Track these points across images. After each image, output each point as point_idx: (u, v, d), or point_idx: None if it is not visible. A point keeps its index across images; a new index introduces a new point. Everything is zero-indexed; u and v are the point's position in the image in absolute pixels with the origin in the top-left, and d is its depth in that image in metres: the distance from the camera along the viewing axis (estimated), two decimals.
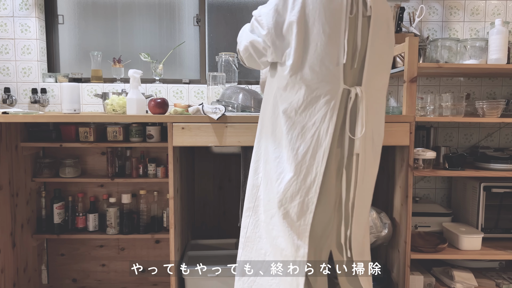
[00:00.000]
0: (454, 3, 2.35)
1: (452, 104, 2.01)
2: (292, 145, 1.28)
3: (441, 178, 2.44)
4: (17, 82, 2.30)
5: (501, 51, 1.97)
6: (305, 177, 1.29)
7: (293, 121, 1.28)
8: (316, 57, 1.22)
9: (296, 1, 1.21)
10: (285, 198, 1.32)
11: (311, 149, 1.27)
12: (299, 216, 1.32)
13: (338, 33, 1.22)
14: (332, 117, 1.25)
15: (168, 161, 1.76)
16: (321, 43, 1.21)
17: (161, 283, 2.39)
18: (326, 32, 1.20)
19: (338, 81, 1.24)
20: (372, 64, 1.28)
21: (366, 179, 1.38)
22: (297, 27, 1.21)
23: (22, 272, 2.12)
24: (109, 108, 1.91)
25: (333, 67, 1.23)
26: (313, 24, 1.21)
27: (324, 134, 1.26)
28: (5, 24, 2.27)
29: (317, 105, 1.25)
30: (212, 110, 1.71)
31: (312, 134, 1.27)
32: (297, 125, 1.28)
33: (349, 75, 1.26)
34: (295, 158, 1.28)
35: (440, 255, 1.94)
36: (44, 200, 2.22)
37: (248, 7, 2.45)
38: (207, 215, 2.41)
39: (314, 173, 1.28)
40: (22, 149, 2.09)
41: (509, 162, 1.98)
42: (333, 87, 1.25)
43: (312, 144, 1.27)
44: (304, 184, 1.29)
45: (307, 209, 1.31)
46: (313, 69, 1.23)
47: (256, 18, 1.31)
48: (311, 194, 1.30)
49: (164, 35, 2.46)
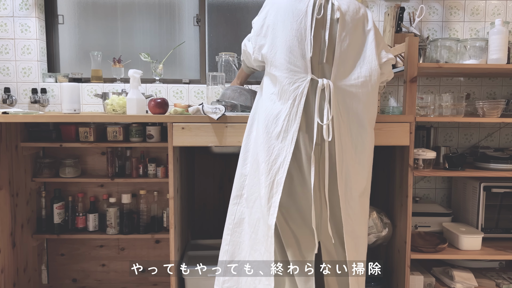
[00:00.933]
0: (454, 3, 2.35)
1: (452, 104, 2.00)
2: (268, 128, 1.44)
3: (441, 178, 2.44)
4: (17, 82, 2.30)
5: (501, 51, 1.97)
6: (276, 158, 1.42)
7: (270, 107, 1.44)
8: (286, 49, 1.41)
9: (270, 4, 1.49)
10: (260, 180, 1.46)
11: (282, 131, 1.41)
12: (269, 197, 1.42)
13: (304, 30, 1.40)
14: (300, 102, 1.40)
15: (168, 161, 1.76)
16: (290, 38, 1.41)
17: (161, 283, 2.39)
18: (293, 28, 1.41)
19: (306, 71, 1.41)
20: (341, 61, 1.43)
21: (349, 170, 1.45)
22: (271, 26, 1.46)
23: (22, 272, 2.12)
24: (109, 108, 1.91)
25: (301, 59, 1.41)
26: (283, 23, 1.42)
27: (293, 118, 1.40)
28: (5, 24, 2.27)
29: (288, 91, 1.41)
30: (212, 110, 1.71)
31: (283, 118, 1.41)
32: (273, 111, 1.43)
33: (317, 68, 1.43)
34: (269, 140, 1.43)
35: (440, 255, 1.94)
36: (44, 200, 2.22)
37: (248, 7, 2.45)
38: (207, 215, 2.41)
39: (284, 154, 1.41)
40: (22, 149, 2.09)
41: (509, 162, 1.98)
42: (301, 77, 1.41)
43: (283, 127, 1.41)
44: (275, 165, 1.42)
45: (276, 190, 1.41)
46: (285, 59, 1.41)
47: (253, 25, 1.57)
48: (280, 175, 1.41)
49: (164, 35, 2.46)
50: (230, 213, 1.62)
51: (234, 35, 2.48)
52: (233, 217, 1.60)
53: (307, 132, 1.42)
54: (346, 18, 1.43)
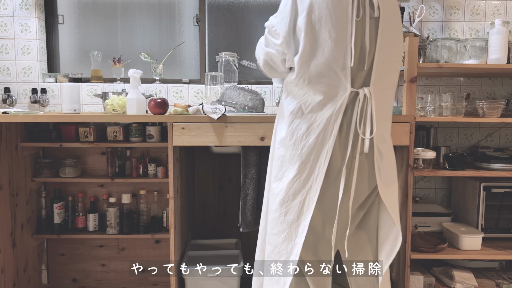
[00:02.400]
0: (454, 3, 2.35)
1: (452, 104, 2.01)
2: (297, 145, 1.32)
3: (441, 178, 2.44)
4: (17, 82, 2.30)
5: (501, 51, 1.97)
6: (307, 177, 1.31)
7: (298, 122, 1.32)
8: (323, 61, 1.24)
9: (303, 7, 1.23)
10: (287, 196, 1.34)
11: (315, 149, 1.30)
12: (299, 215, 1.33)
13: (344, 37, 1.23)
14: (337, 120, 1.28)
15: (168, 161, 1.76)
16: (328, 48, 1.23)
17: (161, 283, 2.39)
18: (332, 37, 1.22)
19: (345, 84, 1.26)
20: (380, 65, 1.29)
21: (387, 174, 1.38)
22: (304, 33, 1.23)
23: (22, 272, 2.12)
24: (109, 108, 1.91)
25: (340, 71, 1.25)
26: (319, 29, 1.22)
27: (328, 135, 1.28)
28: (5, 24, 2.27)
29: (324, 107, 1.28)
30: (212, 110, 1.71)
31: (317, 135, 1.29)
32: (302, 126, 1.31)
33: (358, 78, 1.28)
34: (299, 158, 1.31)
35: (440, 255, 1.94)
36: (44, 200, 2.22)
37: (248, 7, 2.45)
38: (207, 215, 2.41)
39: (316, 172, 1.30)
40: (22, 149, 2.09)
41: (509, 162, 1.98)
42: (340, 91, 1.27)
43: (316, 145, 1.29)
44: (307, 183, 1.31)
45: (307, 208, 1.32)
46: (321, 74, 1.25)
47: (270, 29, 1.34)
48: (312, 194, 1.31)
49: (164, 35, 2.46)
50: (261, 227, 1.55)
51: (234, 35, 2.48)
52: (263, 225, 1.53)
53: (340, 146, 1.31)
54: (387, 17, 1.27)
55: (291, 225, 1.34)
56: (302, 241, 1.32)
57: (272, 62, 1.39)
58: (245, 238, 2.36)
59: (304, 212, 1.33)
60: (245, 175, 1.86)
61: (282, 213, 1.35)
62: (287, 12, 1.27)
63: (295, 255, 1.33)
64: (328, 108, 1.28)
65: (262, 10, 2.45)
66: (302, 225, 1.33)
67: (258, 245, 1.54)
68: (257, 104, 2.04)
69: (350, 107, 1.29)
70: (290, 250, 1.34)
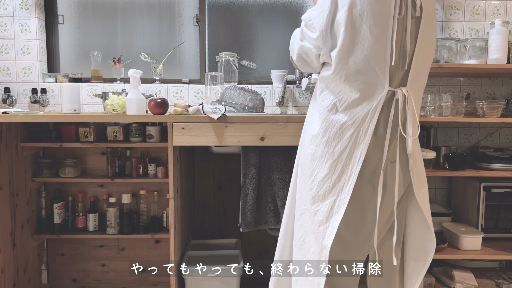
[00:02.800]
0: (454, 3, 2.35)
1: (452, 104, 2.00)
2: (329, 143, 1.28)
3: (441, 178, 2.44)
4: (17, 82, 2.30)
5: (501, 51, 1.97)
6: (339, 176, 1.27)
7: (331, 119, 1.28)
8: (362, 58, 1.20)
9: (344, 1, 1.19)
10: (317, 195, 1.30)
11: (348, 148, 1.26)
12: (328, 216, 1.29)
13: (385, 35, 1.20)
14: (372, 118, 1.24)
15: (168, 161, 1.76)
16: (368, 44, 1.19)
17: (161, 283, 2.39)
18: (373, 33, 1.18)
19: (383, 83, 1.23)
20: (417, 66, 1.27)
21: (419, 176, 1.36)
22: (344, 28, 1.19)
23: (22, 272, 2.12)
24: (109, 108, 1.91)
25: (379, 69, 1.21)
26: (360, 25, 1.19)
27: (363, 134, 1.24)
28: (5, 24, 2.27)
29: (359, 105, 1.24)
30: (212, 110, 1.71)
31: (351, 134, 1.25)
32: (336, 124, 1.27)
33: (395, 77, 1.25)
34: (331, 156, 1.28)
35: (440, 255, 1.94)
36: (44, 200, 2.22)
37: (248, 7, 2.45)
38: (207, 215, 2.41)
39: (349, 172, 1.26)
40: (22, 149, 2.09)
41: (509, 162, 1.98)
42: (378, 89, 1.23)
43: (350, 143, 1.25)
44: (338, 183, 1.27)
45: (337, 210, 1.27)
46: (359, 71, 1.22)
47: (306, 22, 1.30)
48: (344, 195, 1.27)
49: (164, 35, 2.46)
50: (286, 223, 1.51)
51: (234, 35, 2.48)
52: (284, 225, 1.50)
53: (374, 146, 1.27)
54: (427, 17, 1.25)
55: (319, 226, 1.30)
56: (330, 244, 1.27)
57: (306, 56, 1.35)
58: (245, 238, 2.36)
59: (333, 214, 1.28)
60: (245, 175, 1.86)
61: (312, 212, 1.32)
62: (326, 6, 1.22)
63: (324, 257, 1.29)
64: (364, 106, 1.24)
65: (262, 10, 2.45)
66: (330, 226, 1.28)
67: (280, 245, 1.51)
68: (257, 104, 2.04)
69: (386, 106, 1.26)
70: (319, 251, 1.31)
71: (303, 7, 2.45)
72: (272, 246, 1.52)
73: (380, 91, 1.23)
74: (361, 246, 1.35)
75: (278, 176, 1.87)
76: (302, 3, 2.46)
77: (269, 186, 1.89)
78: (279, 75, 2.33)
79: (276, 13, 2.46)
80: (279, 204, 1.87)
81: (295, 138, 1.73)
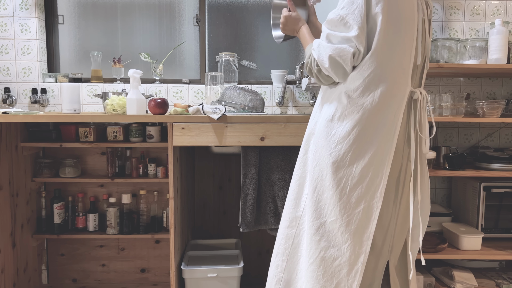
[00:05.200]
0: (454, 3, 2.35)
1: (452, 104, 2.01)
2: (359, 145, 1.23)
3: (441, 178, 2.44)
4: (17, 82, 2.30)
5: (501, 51, 1.97)
6: (371, 181, 1.23)
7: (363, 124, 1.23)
8: (397, 59, 1.20)
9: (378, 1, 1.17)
10: (349, 204, 1.25)
11: (379, 151, 1.23)
12: (364, 223, 1.25)
13: (412, 35, 1.21)
14: (398, 119, 1.23)
15: (168, 161, 1.76)
16: (399, 44, 1.20)
17: (161, 283, 2.39)
18: (403, 33, 1.20)
19: (407, 82, 1.23)
20: (426, 67, 1.32)
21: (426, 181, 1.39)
22: (380, 28, 1.17)
23: (22, 272, 2.12)
24: (109, 108, 1.91)
25: (404, 70, 1.22)
26: (393, 24, 1.18)
27: (391, 136, 1.23)
28: (5, 24, 2.27)
29: (387, 107, 1.22)
30: (212, 110, 1.71)
31: (381, 137, 1.23)
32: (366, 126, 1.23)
33: (413, 78, 1.26)
34: (362, 161, 1.24)
35: (440, 255, 1.94)
36: (44, 200, 2.22)
37: (248, 7, 2.45)
38: (207, 215, 2.41)
39: (380, 176, 1.23)
40: (22, 149, 2.09)
41: (509, 162, 1.98)
42: (403, 89, 1.23)
43: (379, 146, 1.23)
44: (371, 188, 1.24)
45: (371, 215, 1.24)
46: (392, 71, 1.21)
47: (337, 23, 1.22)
48: (376, 199, 1.24)
49: (164, 35, 2.46)
50: (287, 237, 1.39)
51: (234, 35, 2.48)
52: (290, 241, 1.39)
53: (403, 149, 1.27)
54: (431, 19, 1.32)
55: (354, 234, 1.25)
56: (368, 250, 1.24)
57: (341, 59, 1.21)
58: (245, 238, 2.36)
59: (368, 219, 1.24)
60: (245, 175, 1.86)
61: (343, 223, 1.25)
62: (360, 2, 1.17)
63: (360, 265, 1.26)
64: (389, 108, 1.22)
65: (262, 10, 2.45)
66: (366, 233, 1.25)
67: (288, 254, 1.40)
68: (257, 104, 2.04)
69: (407, 107, 1.26)
70: (353, 261, 1.26)
71: None
72: (272, 246, 1.50)
73: (403, 91, 1.23)
74: (385, 251, 1.34)
75: (278, 176, 1.87)
76: None
77: (269, 186, 1.89)
78: (279, 75, 2.33)
79: None
80: (279, 204, 1.87)
81: (295, 138, 1.73)
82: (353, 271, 1.26)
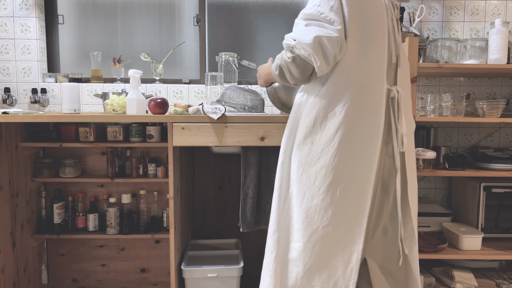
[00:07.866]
0: (454, 3, 2.35)
1: (452, 104, 2.01)
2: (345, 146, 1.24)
3: (441, 178, 2.44)
4: (17, 82, 2.30)
5: (501, 51, 1.97)
6: (361, 178, 1.25)
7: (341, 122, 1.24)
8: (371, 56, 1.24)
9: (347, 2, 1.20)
10: (341, 204, 1.27)
11: (364, 149, 1.25)
12: (356, 221, 1.27)
13: (384, 33, 1.26)
14: (380, 117, 1.26)
15: (168, 161, 1.76)
16: (373, 41, 1.23)
17: (161, 283, 2.39)
18: (374, 32, 1.23)
19: (383, 80, 1.26)
20: (401, 64, 1.32)
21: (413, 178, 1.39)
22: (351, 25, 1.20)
23: (22, 272, 2.12)
24: (109, 108, 1.91)
25: (382, 68, 1.25)
26: (363, 24, 1.22)
27: (376, 133, 1.25)
28: (5, 24, 2.27)
29: (367, 106, 1.25)
30: (212, 110, 1.71)
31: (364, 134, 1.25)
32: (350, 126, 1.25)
33: (389, 76, 1.29)
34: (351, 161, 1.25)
35: (440, 255, 1.94)
36: (44, 200, 2.22)
37: (248, 7, 2.45)
38: (207, 215, 2.41)
39: (367, 173, 1.26)
40: (22, 149, 2.09)
41: (509, 162, 1.98)
42: (379, 88, 1.26)
43: (364, 144, 1.25)
44: (361, 185, 1.26)
45: (362, 212, 1.27)
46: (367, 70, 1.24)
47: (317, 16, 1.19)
48: (366, 196, 1.27)
49: (164, 35, 2.46)
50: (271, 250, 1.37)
51: (234, 35, 2.48)
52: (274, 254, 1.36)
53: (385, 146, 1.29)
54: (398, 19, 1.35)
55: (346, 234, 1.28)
56: (361, 248, 1.28)
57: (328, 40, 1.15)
58: (245, 238, 2.36)
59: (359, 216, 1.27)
60: (245, 175, 1.86)
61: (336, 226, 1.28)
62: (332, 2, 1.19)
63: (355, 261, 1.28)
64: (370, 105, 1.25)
65: (262, 10, 2.45)
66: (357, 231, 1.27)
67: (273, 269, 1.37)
68: (257, 104, 2.04)
69: (386, 105, 1.28)
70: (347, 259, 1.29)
71: (303, 7, 2.45)
72: None
73: (381, 89, 1.26)
74: None
75: None
76: (302, 3, 2.46)
77: (269, 186, 1.89)
78: None
79: (276, 13, 2.46)
80: None
81: None
82: (348, 269, 1.29)
